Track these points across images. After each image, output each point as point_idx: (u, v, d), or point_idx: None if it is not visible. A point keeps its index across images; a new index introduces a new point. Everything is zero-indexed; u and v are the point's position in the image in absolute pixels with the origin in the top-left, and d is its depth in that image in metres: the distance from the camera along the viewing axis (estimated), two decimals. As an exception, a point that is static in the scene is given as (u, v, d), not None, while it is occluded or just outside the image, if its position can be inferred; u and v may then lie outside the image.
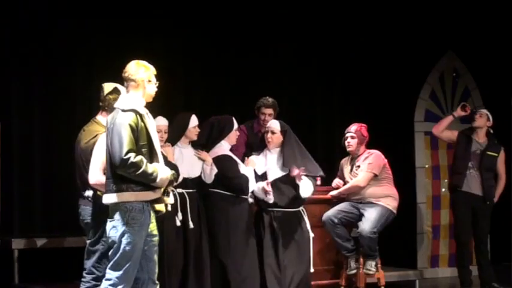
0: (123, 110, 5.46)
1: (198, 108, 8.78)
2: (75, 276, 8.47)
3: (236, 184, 7.11)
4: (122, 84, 5.78)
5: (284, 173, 7.34)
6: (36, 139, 9.04)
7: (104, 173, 5.73)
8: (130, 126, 5.40)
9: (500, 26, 10.27)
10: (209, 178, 7.12)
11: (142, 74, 5.58)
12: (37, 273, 8.59)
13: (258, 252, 7.25)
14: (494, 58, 10.35)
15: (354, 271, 8.00)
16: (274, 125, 7.48)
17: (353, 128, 8.07)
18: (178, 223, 6.91)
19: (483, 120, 8.58)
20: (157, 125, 6.89)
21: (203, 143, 7.24)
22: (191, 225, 6.97)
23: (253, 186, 7.25)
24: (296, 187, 7.29)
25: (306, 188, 7.30)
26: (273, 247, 7.27)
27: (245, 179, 7.13)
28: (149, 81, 5.61)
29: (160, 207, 5.61)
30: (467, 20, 10.19)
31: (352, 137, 8.05)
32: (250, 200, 7.29)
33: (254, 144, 8.27)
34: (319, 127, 10.50)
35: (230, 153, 7.29)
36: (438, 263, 10.09)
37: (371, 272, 7.96)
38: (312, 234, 7.41)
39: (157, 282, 5.62)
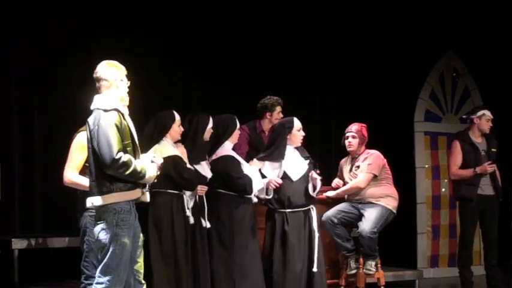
0: (105, 110, 5.39)
1: (198, 108, 8.78)
2: (75, 276, 8.51)
3: (239, 184, 7.10)
4: None
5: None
6: (36, 139, 9.04)
7: (79, 173, 5.95)
8: (116, 125, 5.35)
9: (500, 26, 10.27)
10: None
11: (114, 73, 5.54)
12: (37, 273, 8.59)
13: (269, 252, 7.29)
14: (494, 58, 10.34)
15: (354, 271, 7.99)
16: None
17: (354, 127, 8.04)
18: (203, 224, 7.00)
19: (489, 123, 8.31)
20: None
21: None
22: (208, 225, 7.04)
23: (258, 185, 7.25)
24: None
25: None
26: (282, 246, 7.29)
27: (248, 179, 7.12)
28: (121, 80, 5.56)
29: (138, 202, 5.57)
30: (467, 20, 10.19)
31: (354, 137, 8.03)
32: (255, 199, 7.29)
33: (257, 144, 8.28)
34: (319, 127, 10.48)
35: (233, 153, 7.29)
36: (438, 263, 10.08)
37: (371, 272, 7.95)
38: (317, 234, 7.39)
39: (143, 282, 5.57)
